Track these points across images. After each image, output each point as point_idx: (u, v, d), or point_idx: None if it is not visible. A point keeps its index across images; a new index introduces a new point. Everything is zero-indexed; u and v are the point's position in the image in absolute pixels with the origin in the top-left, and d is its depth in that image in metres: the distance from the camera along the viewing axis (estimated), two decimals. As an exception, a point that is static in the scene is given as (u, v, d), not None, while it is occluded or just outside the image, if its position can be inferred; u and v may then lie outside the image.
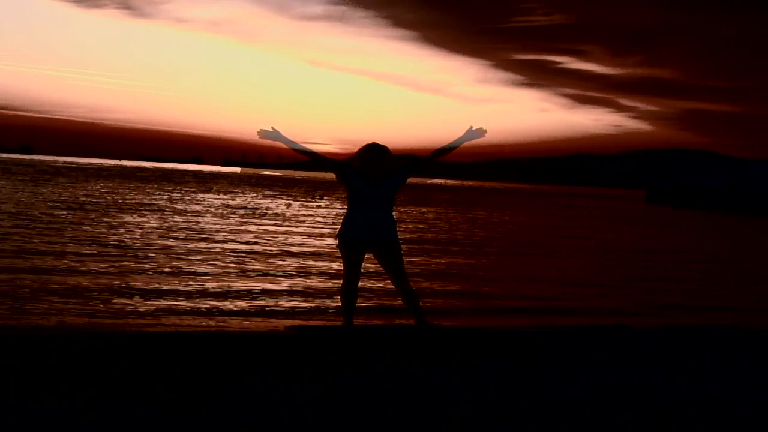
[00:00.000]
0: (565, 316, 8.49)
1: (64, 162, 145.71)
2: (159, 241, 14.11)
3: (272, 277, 10.26)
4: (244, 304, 8.19)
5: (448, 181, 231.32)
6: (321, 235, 17.53)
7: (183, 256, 12.01)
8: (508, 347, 6.15)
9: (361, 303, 7.36)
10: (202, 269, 10.65)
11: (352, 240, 5.93)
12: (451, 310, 8.55)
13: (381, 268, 6.30)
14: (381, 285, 9.43)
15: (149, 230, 16.37)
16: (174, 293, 8.59)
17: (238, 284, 9.48)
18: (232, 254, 12.70)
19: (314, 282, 10.09)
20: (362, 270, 6.13)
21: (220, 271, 10.60)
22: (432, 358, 5.49)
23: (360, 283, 6.14)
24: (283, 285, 9.67)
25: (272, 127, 6.12)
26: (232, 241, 15.12)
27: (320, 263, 12.19)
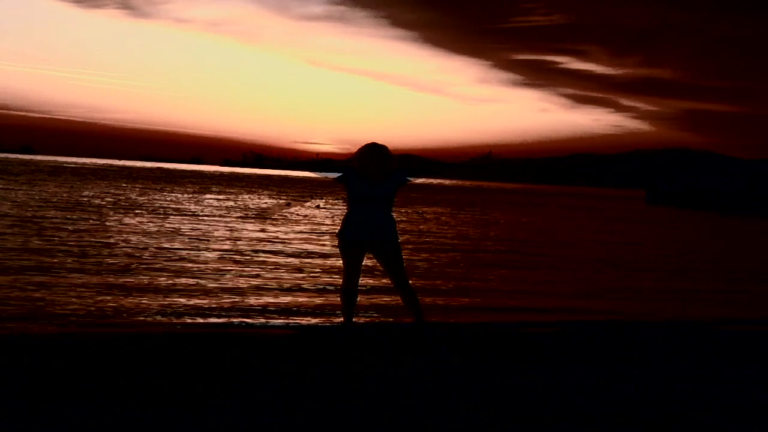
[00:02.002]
0: (565, 316, 8.49)
1: (65, 162, 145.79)
2: (158, 242, 14.11)
3: (272, 277, 10.26)
4: (244, 304, 8.18)
5: (448, 182, 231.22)
6: (320, 235, 17.52)
7: (182, 257, 12.01)
8: (509, 347, 6.15)
9: (361, 302, 7.36)
10: (201, 270, 10.65)
11: (352, 240, 5.94)
12: (451, 311, 8.54)
13: (381, 267, 6.32)
14: (381, 284, 9.43)
15: (148, 231, 16.37)
16: (173, 294, 8.59)
17: (238, 285, 9.48)
18: (231, 254, 12.70)
19: (314, 282, 10.09)
20: (362, 269, 6.15)
21: (219, 271, 10.60)
22: (432, 358, 5.49)
23: (360, 282, 6.16)
24: (283, 285, 9.67)
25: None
26: (231, 241, 15.12)
27: (320, 263, 12.19)
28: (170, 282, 9.35)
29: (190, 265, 11.05)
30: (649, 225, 33.03)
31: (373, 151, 5.92)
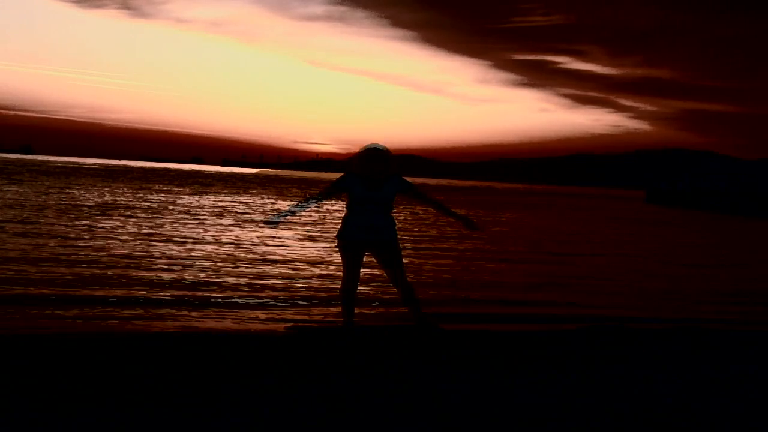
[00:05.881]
0: (564, 317, 8.49)
1: (63, 162, 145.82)
2: (157, 242, 14.12)
3: (271, 278, 10.27)
4: (243, 305, 8.19)
5: (448, 182, 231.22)
6: (319, 235, 17.53)
7: (181, 257, 12.01)
8: (508, 347, 6.16)
9: (360, 302, 7.37)
10: (200, 270, 10.65)
11: (352, 240, 5.95)
12: (451, 311, 8.54)
13: (381, 267, 6.33)
14: (381, 284, 9.43)
15: (146, 231, 16.37)
16: (173, 294, 8.59)
17: (238, 285, 9.48)
18: (230, 255, 12.70)
19: (314, 282, 10.09)
20: (362, 270, 6.16)
21: (219, 271, 10.60)
22: (432, 358, 5.50)
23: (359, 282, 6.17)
24: (283, 285, 9.67)
25: (268, 220, 6.27)
26: (230, 241, 15.12)
27: (320, 263, 12.19)
28: (169, 282, 9.35)
29: (189, 265, 11.05)
30: (651, 226, 33.03)
31: (373, 153, 5.93)
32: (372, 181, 5.89)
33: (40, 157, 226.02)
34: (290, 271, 10.99)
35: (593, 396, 4.62)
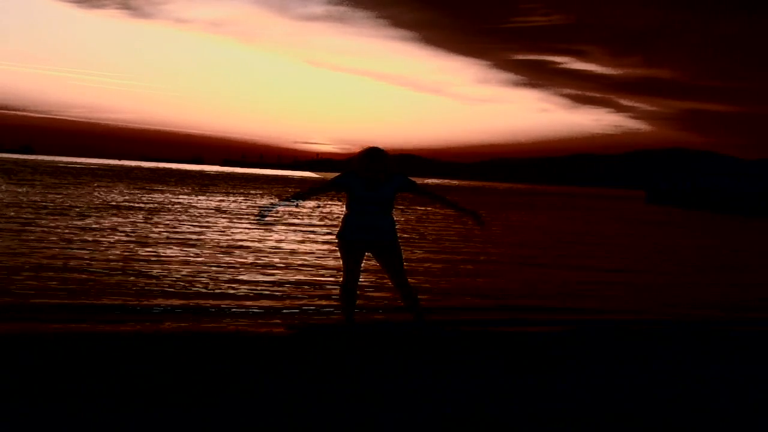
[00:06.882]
0: (566, 317, 8.49)
1: (63, 162, 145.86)
2: (156, 243, 14.12)
3: (272, 277, 10.27)
4: (243, 303, 8.19)
5: (449, 182, 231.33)
6: (319, 235, 17.53)
7: (180, 257, 12.02)
8: (509, 347, 6.16)
9: (360, 302, 7.37)
10: (199, 269, 10.65)
11: (352, 240, 5.96)
12: (451, 310, 8.54)
13: (381, 268, 6.33)
14: (381, 284, 9.44)
15: (145, 231, 16.37)
16: (172, 293, 8.59)
17: (237, 284, 9.49)
18: (230, 254, 12.71)
19: (314, 281, 10.09)
20: (362, 269, 6.17)
21: (219, 271, 10.60)
22: (432, 358, 5.50)
23: (360, 281, 6.17)
24: (283, 284, 9.67)
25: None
26: (230, 241, 15.12)
27: (319, 262, 12.19)
28: (169, 282, 9.35)
29: (188, 265, 11.05)
30: (652, 226, 33.03)
31: (373, 153, 5.95)
32: (372, 181, 5.90)
33: (40, 157, 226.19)
34: (290, 272, 11.00)
35: (593, 396, 4.62)
